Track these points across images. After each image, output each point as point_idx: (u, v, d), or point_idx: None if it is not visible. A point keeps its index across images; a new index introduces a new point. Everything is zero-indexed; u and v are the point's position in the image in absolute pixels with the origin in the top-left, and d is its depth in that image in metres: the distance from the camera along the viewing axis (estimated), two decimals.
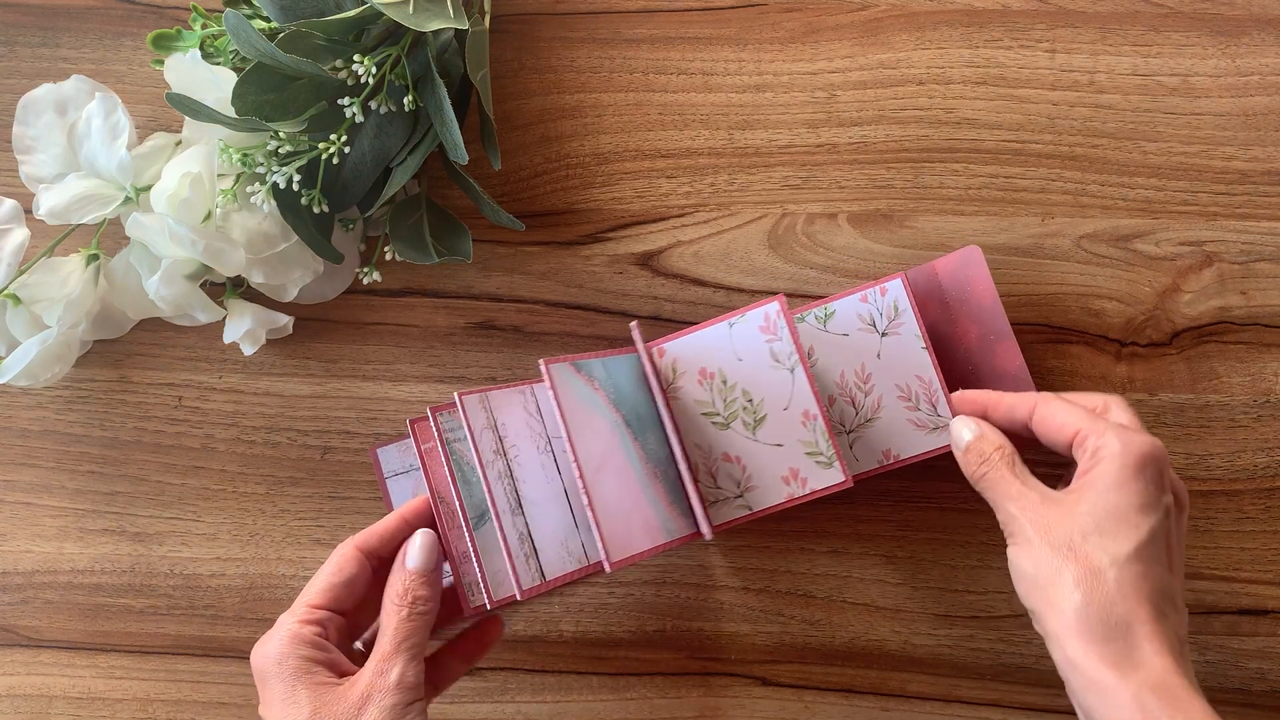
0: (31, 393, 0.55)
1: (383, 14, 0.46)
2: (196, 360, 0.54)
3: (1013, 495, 0.42)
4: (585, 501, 0.43)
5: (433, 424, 0.44)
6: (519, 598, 0.43)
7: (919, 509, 0.53)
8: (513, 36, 0.54)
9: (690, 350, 0.47)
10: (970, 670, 0.52)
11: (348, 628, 0.45)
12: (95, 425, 0.55)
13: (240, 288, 0.53)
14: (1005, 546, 0.52)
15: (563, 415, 0.43)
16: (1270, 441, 0.52)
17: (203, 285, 0.51)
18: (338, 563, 0.44)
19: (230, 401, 0.54)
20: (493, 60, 0.54)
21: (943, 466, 0.53)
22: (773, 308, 0.47)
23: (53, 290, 0.49)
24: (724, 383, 0.47)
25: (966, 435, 0.46)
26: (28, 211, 0.50)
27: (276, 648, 0.42)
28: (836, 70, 0.53)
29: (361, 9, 0.46)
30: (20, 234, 0.48)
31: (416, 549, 0.44)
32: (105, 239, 0.53)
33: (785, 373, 0.47)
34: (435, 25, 0.46)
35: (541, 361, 0.43)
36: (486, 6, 0.51)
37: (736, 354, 0.47)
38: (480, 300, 0.54)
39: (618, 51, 0.54)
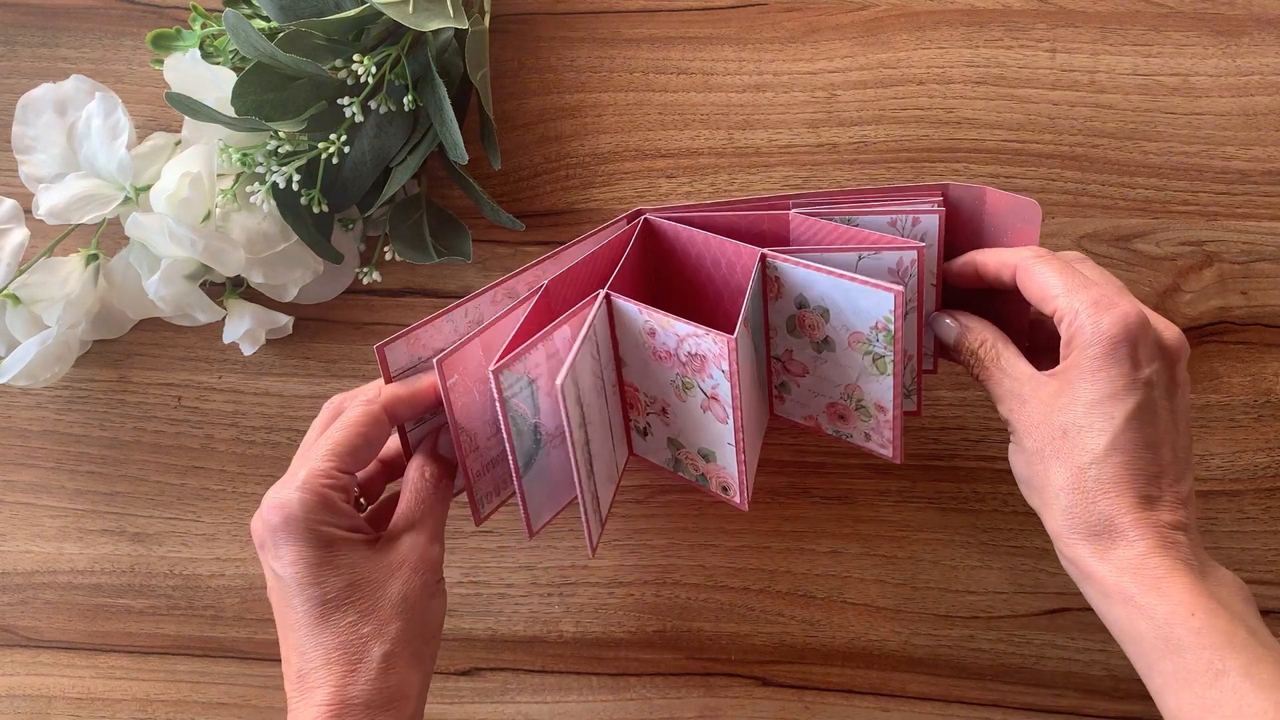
0: (31, 393, 0.55)
1: (382, 14, 0.46)
2: (196, 360, 0.54)
3: (1001, 394, 0.42)
4: (739, 459, 0.42)
5: (494, 385, 0.40)
6: (590, 556, 0.48)
7: (919, 509, 0.53)
8: (513, 36, 0.54)
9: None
10: (970, 671, 0.52)
11: (355, 492, 0.44)
12: (95, 425, 0.55)
13: (240, 288, 0.52)
14: (1005, 547, 0.52)
15: (738, 393, 0.41)
16: (1270, 441, 0.52)
17: (202, 285, 0.51)
18: (363, 422, 0.41)
19: (230, 401, 0.54)
20: (493, 60, 0.54)
21: (943, 466, 0.53)
22: (910, 255, 0.43)
23: (52, 290, 0.49)
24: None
25: (950, 332, 0.45)
26: (27, 211, 0.50)
27: (301, 509, 0.39)
28: (837, 70, 0.53)
29: (361, 9, 0.46)
30: (20, 234, 0.48)
31: (449, 440, 0.44)
32: (105, 239, 0.53)
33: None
34: (435, 25, 0.46)
35: (729, 340, 0.39)
36: (486, 6, 0.51)
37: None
38: None
39: (618, 51, 0.54)
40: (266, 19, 0.48)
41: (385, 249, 0.52)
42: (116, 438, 0.54)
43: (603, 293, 0.43)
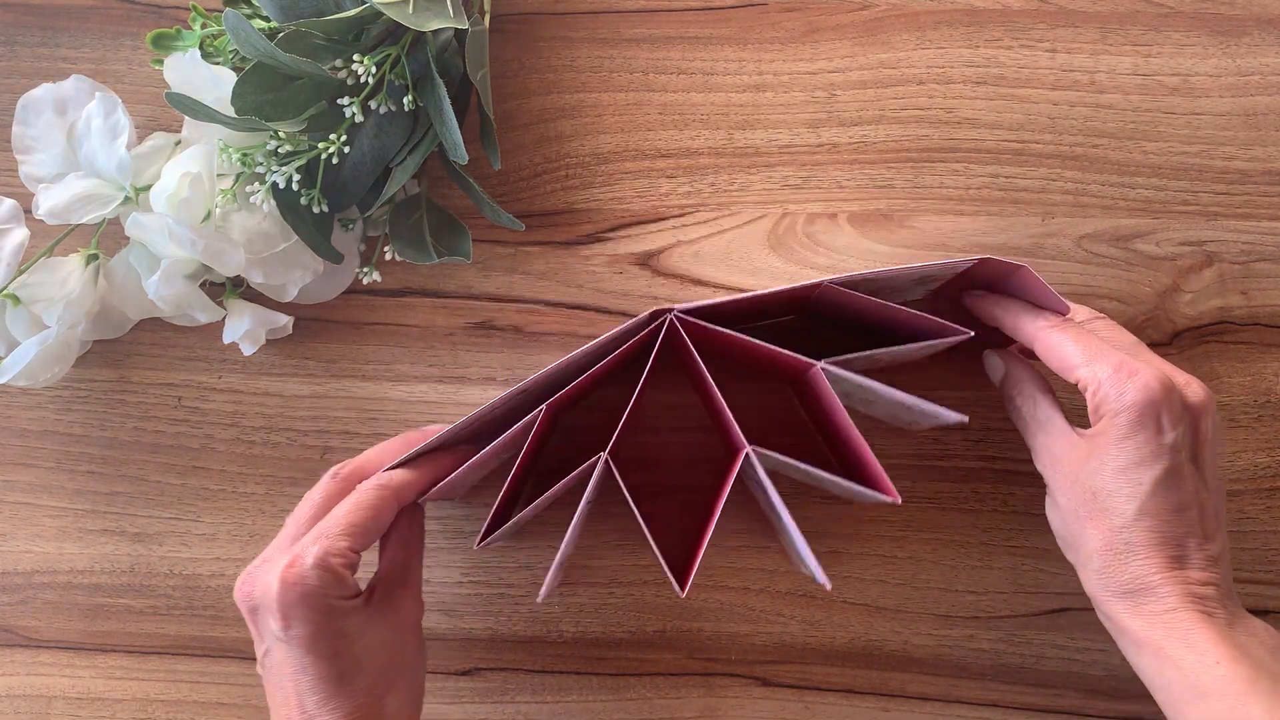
0: (31, 393, 0.55)
1: (382, 14, 0.46)
2: (196, 360, 0.54)
3: (1037, 448, 0.45)
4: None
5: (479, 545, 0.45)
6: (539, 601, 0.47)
7: (919, 509, 0.53)
8: (513, 36, 0.54)
9: (793, 469, 0.46)
10: (970, 671, 0.52)
11: None
12: (95, 425, 0.55)
13: (240, 288, 0.52)
14: (1005, 547, 0.52)
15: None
16: (1270, 441, 0.52)
17: (202, 285, 0.51)
18: (377, 506, 0.43)
19: (230, 401, 0.54)
20: (493, 60, 0.54)
21: (943, 466, 0.53)
22: (886, 500, 0.44)
23: (52, 290, 0.49)
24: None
25: (996, 372, 0.48)
26: (27, 211, 0.50)
27: (320, 586, 0.40)
28: (837, 70, 0.53)
29: (361, 8, 0.46)
30: (20, 234, 0.48)
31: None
32: (105, 239, 0.53)
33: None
34: (435, 25, 0.46)
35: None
36: (486, 6, 0.51)
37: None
38: (480, 300, 0.54)
39: (618, 51, 0.54)
40: (266, 19, 0.48)
41: (385, 249, 0.52)
42: (116, 438, 0.54)
43: (603, 457, 0.44)
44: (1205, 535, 0.41)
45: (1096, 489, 0.41)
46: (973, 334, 0.44)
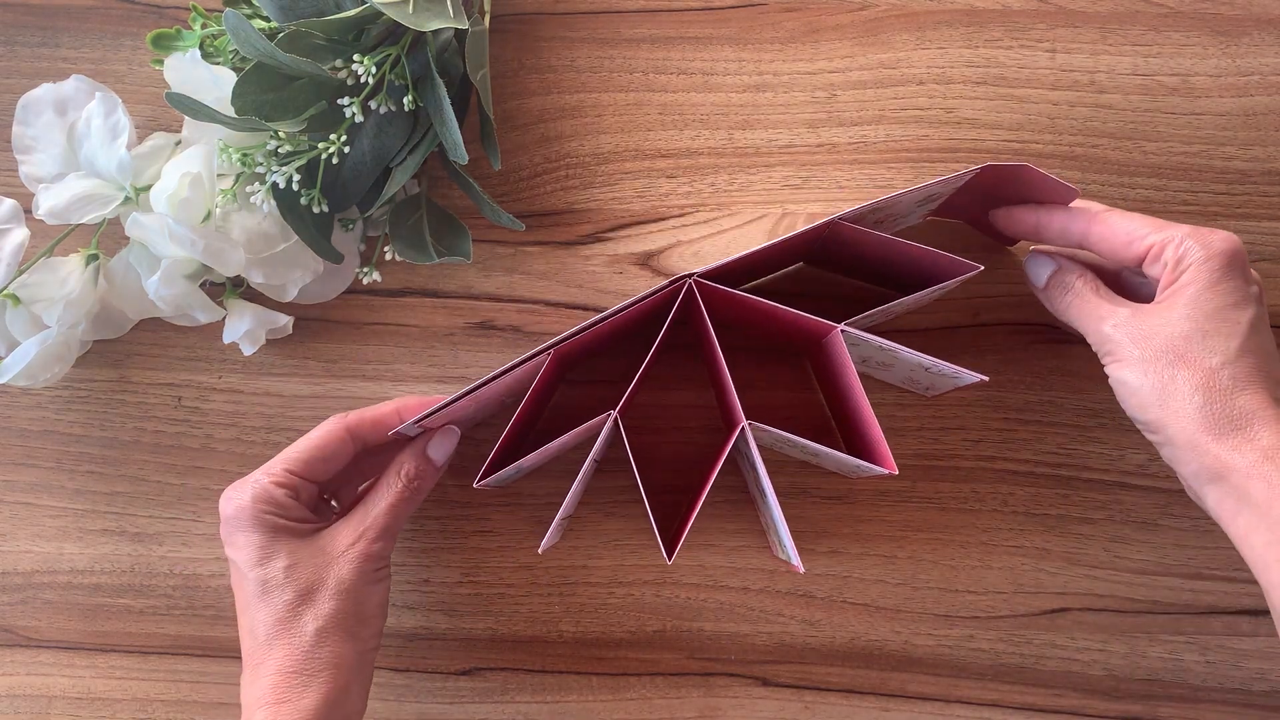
0: (31, 393, 0.55)
1: (382, 14, 0.46)
2: (196, 360, 0.54)
3: (1104, 315, 0.44)
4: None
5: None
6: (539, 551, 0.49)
7: (919, 509, 0.53)
8: (513, 36, 0.54)
9: (784, 442, 0.47)
10: (971, 670, 0.52)
11: (317, 494, 0.48)
12: (95, 425, 0.55)
13: (240, 288, 0.52)
14: (1005, 547, 0.52)
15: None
16: None
17: (203, 285, 0.51)
18: (324, 437, 0.46)
19: (230, 401, 0.54)
20: (493, 60, 0.54)
21: (943, 466, 0.53)
22: (881, 470, 0.44)
23: (52, 290, 0.49)
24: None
25: (1045, 270, 0.47)
26: (27, 211, 0.50)
27: (248, 502, 0.44)
28: (836, 70, 0.53)
29: (361, 9, 0.46)
30: (20, 234, 0.48)
31: (445, 445, 0.48)
32: (105, 239, 0.53)
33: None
34: (435, 25, 0.46)
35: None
36: (486, 6, 0.51)
37: (818, 457, 0.48)
38: (480, 300, 0.54)
39: (618, 51, 0.54)
40: (266, 19, 0.48)
41: (385, 249, 0.52)
42: (116, 438, 0.54)
43: (613, 414, 0.45)
44: None
45: (1190, 332, 0.41)
46: (981, 268, 0.44)
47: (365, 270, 0.52)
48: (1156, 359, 0.42)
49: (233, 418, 0.54)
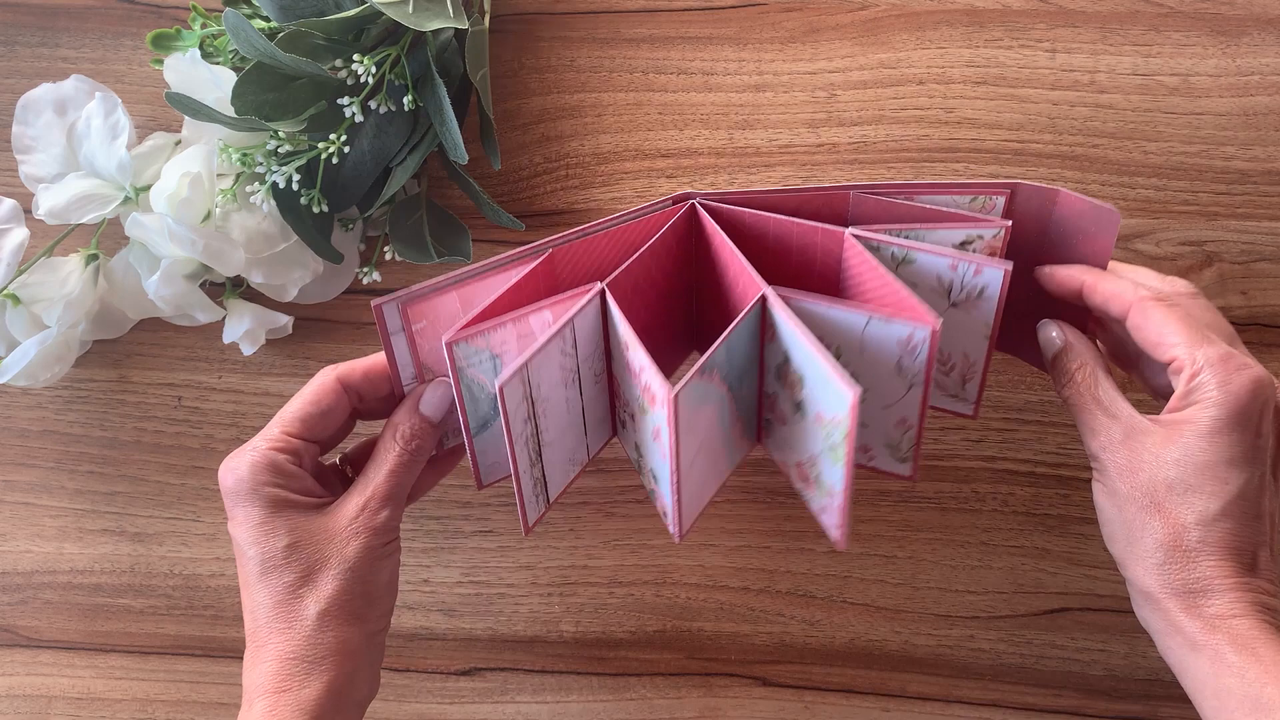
0: (31, 393, 0.55)
1: (382, 14, 0.46)
2: (196, 360, 0.54)
3: (1095, 428, 0.41)
4: (674, 491, 0.40)
5: (447, 356, 0.40)
6: (525, 534, 0.44)
7: (919, 509, 0.53)
8: (513, 36, 0.54)
9: (817, 320, 0.42)
10: (971, 671, 0.52)
11: (318, 456, 0.44)
12: (95, 425, 0.55)
13: (240, 288, 0.52)
14: (1005, 547, 0.52)
15: (675, 432, 0.39)
16: None
17: (202, 285, 0.51)
18: (316, 392, 0.43)
19: (230, 401, 0.54)
20: (493, 60, 0.54)
21: (943, 466, 0.53)
22: (922, 334, 0.40)
23: (52, 290, 0.49)
24: (838, 354, 0.42)
25: (1050, 348, 0.44)
26: (27, 211, 0.50)
27: (249, 472, 0.41)
28: (837, 70, 0.53)
29: (361, 8, 0.46)
30: (20, 234, 0.48)
31: (436, 397, 0.43)
32: (105, 239, 0.53)
33: (902, 384, 0.42)
34: (435, 25, 0.46)
35: (666, 390, 0.37)
36: (486, 6, 0.51)
37: (863, 346, 0.42)
38: None
39: (618, 51, 0.54)
40: (266, 19, 0.48)
41: (385, 249, 0.52)
42: (116, 438, 0.54)
43: (600, 285, 0.41)
44: (1274, 548, 0.39)
45: (1173, 481, 0.38)
46: (1009, 224, 0.40)
47: (365, 270, 0.52)
48: (1133, 499, 0.39)
49: (233, 418, 0.54)
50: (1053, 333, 0.44)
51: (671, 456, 0.40)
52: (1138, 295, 0.40)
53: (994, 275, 0.41)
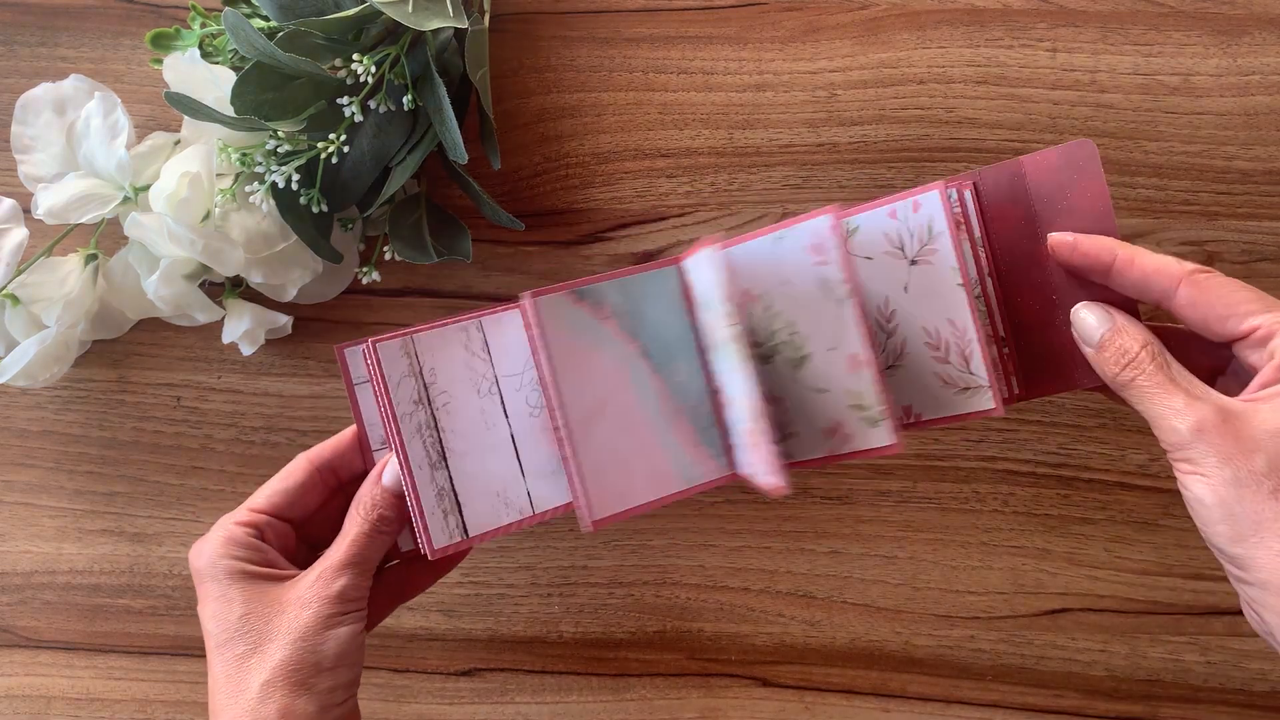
0: (30, 393, 0.55)
1: (382, 13, 0.46)
2: (195, 360, 0.54)
3: (1179, 409, 0.35)
4: (568, 453, 0.38)
5: (375, 364, 0.39)
6: (430, 557, 0.41)
7: (920, 509, 0.53)
8: (513, 36, 0.54)
9: (739, 261, 0.39)
10: (971, 671, 0.52)
11: (293, 535, 0.44)
12: (94, 425, 0.55)
13: (239, 288, 0.52)
14: (1005, 547, 0.52)
15: (548, 356, 0.36)
16: None
17: (202, 285, 0.51)
18: (285, 472, 0.44)
19: (229, 402, 0.54)
20: (493, 60, 0.54)
21: (943, 466, 0.53)
22: (824, 223, 0.37)
23: (51, 290, 0.49)
24: (766, 309, 0.39)
25: (1100, 328, 0.38)
26: (26, 211, 0.50)
27: (211, 547, 0.42)
28: (837, 69, 0.53)
29: (361, 8, 0.46)
30: (19, 233, 0.48)
31: (397, 469, 0.42)
32: (104, 239, 0.53)
33: (834, 305, 0.38)
34: (434, 24, 0.46)
35: (526, 296, 0.36)
36: (486, 5, 0.51)
37: (783, 275, 0.38)
38: (480, 300, 0.54)
39: (618, 51, 0.54)
40: (266, 18, 0.48)
41: (385, 249, 0.52)
42: (115, 438, 0.54)
43: (527, 296, 0.40)
44: None
45: None
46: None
47: (365, 270, 0.52)
48: (1251, 483, 0.34)
49: (232, 418, 0.54)
50: (1095, 314, 0.38)
51: (550, 386, 0.37)
52: (1184, 268, 0.36)
53: (932, 200, 0.38)
